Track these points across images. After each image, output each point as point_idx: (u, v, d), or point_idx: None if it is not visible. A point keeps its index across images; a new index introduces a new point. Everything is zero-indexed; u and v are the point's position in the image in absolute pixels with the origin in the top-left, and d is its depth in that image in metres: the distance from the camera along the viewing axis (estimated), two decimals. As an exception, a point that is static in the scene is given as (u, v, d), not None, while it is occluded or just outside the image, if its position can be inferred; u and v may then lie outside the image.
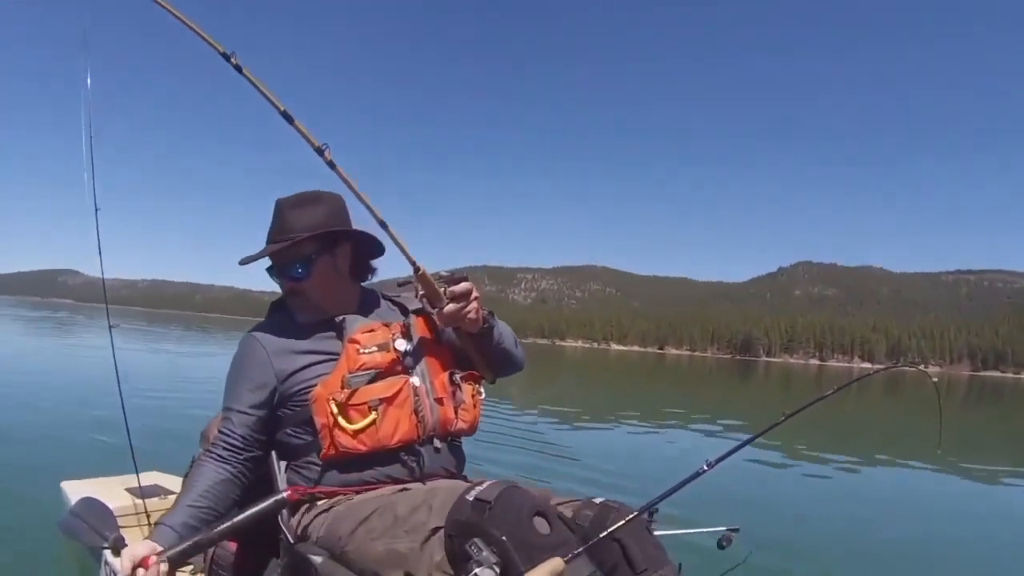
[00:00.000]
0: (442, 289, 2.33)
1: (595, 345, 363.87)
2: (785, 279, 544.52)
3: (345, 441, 2.20)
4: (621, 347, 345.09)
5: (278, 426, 2.33)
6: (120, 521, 3.32)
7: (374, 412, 2.21)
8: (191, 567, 2.80)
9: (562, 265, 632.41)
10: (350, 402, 2.20)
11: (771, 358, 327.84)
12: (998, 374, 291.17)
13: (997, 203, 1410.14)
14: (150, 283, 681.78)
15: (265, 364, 2.30)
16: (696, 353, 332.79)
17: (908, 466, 11.71)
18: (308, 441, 2.28)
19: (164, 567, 1.90)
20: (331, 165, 2.16)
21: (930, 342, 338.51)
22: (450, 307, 2.31)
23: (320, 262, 2.41)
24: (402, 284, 2.60)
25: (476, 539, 1.73)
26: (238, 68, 2.00)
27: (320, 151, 2.11)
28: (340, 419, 2.19)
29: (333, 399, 2.20)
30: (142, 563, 1.87)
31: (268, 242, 2.41)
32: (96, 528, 2.97)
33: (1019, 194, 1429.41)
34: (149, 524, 3.48)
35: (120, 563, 1.88)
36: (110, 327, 3.82)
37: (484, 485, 1.86)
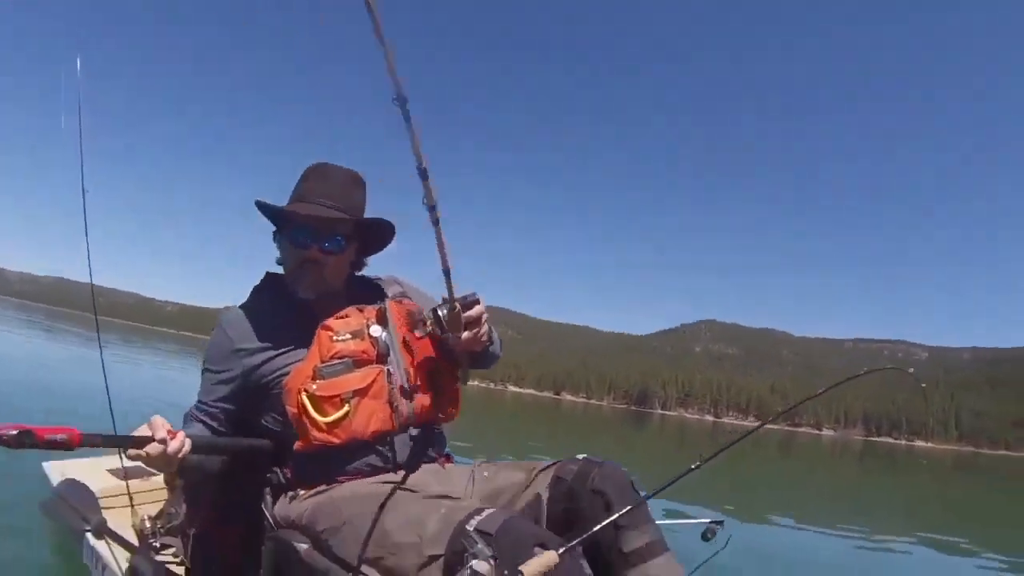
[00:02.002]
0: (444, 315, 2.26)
1: (492, 385, 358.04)
2: (687, 335, 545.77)
3: (317, 434, 2.17)
4: (518, 389, 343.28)
5: (256, 413, 2.33)
6: (102, 503, 3.31)
7: (347, 404, 2.18)
8: (172, 550, 2.89)
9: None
10: (322, 394, 2.18)
11: (666, 411, 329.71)
12: (891, 440, 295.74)
13: (901, 276, 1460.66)
14: (54, 280, 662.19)
15: (228, 357, 2.30)
16: (592, 401, 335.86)
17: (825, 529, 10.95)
18: (282, 431, 2.26)
19: (188, 446, 1.97)
20: (435, 222, 1.95)
21: (826, 406, 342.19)
22: (467, 335, 2.22)
23: (350, 245, 2.46)
24: (420, 320, 2.36)
25: (471, 532, 1.74)
26: (407, 116, 1.76)
27: (432, 208, 1.91)
28: (312, 412, 2.16)
29: (305, 390, 2.18)
30: (169, 433, 1.91)
31: (299, 199, 2.38)
32: (79, 511, 3.02)
33: (921, 268, 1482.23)
34: (132, 505, 3.41)
35: (151, 427, 1.92)
36: (96, 317, 3.80)
37: (483, 515, 1.82)
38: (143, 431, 1.92)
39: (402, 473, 2.14)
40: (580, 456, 2.18)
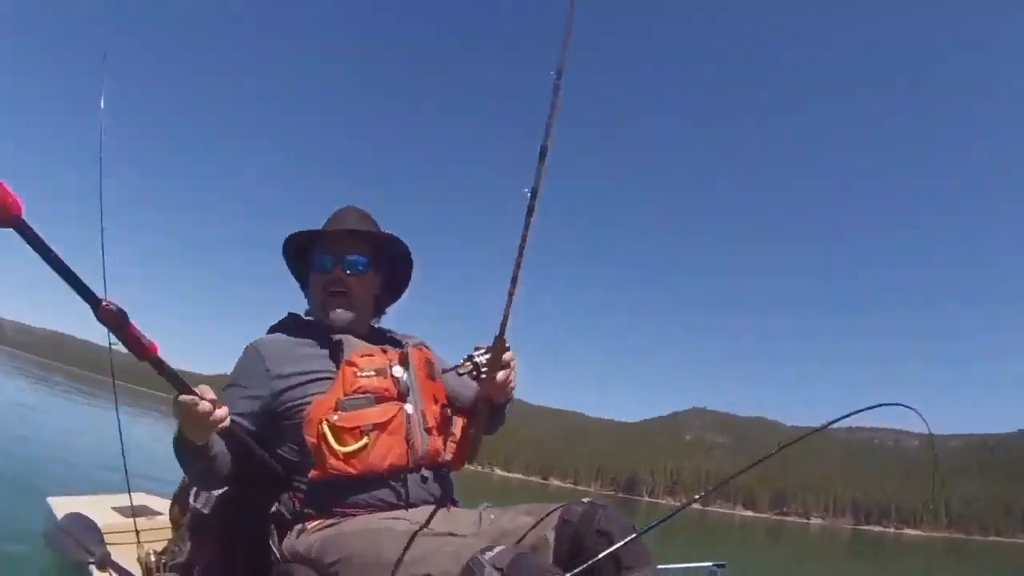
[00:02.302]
0: (483, 361, 2.43)
1: (479, 468, 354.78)
2: (677, 423, 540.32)
3: (335, 463, 2.21)
4: (505, 473, 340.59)
5: (273, 442, 2.35)
6: (107, 538, 3.34)
7: (366, 437, 2.24)
8: None
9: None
10: (343, 424, 2.23)
11: (654, 499, 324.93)
12: (879, 528, 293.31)
13: (892, 361, 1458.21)
14: (48, 333, 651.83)
15: (262, 376, 2.34)
16: (579, 487, 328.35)
17: None
18: (299, 459, 2.29)
19: (227, 421, 1.99)
20: (530, 210, 2.21)
21: (814, 495, 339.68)
22: (501, 375, 2.37)
23: (373, 271, 2.60)
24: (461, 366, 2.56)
25: (479, 556, 1.77)
26: (556, 89, 2.09)
27: (534, 194, 2.21)
28: (332, 441, 2.21)
29: (326, 420, 2.23)
30: (213, 402, 1.91)
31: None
32: (82, 543, 3.15)
33: (914, 354, 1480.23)
34: (138, 543, 3.33)
35: (200, 391, 1.90)
36: (110, 346, 3.17)
37: (495, 551, 1.83)
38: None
39: (412, 510, 2.23)
40: (585, 500, 2.21)
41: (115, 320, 1.64)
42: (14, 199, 1.41)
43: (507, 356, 2.37)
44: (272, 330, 2.60)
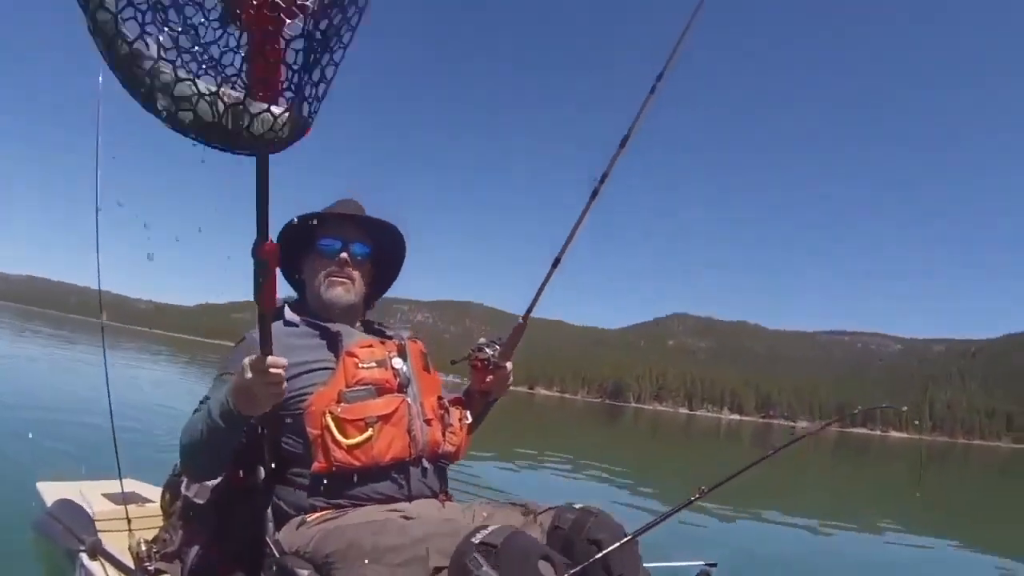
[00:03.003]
0: (494, 352, 2.69)
1: (465, 380, 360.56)
2: (660, 329, 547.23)
3: (339, 455, 2.19)
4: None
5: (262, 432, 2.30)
6: (98, 526, 3.32)
7: (370, 428, 2.22)
8: (167, 575, 2.80)
9: (440, 299, 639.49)
10: (347, 416, 2.21)
11: (641, 404, 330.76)
12: (865, 431, 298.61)
13: (874, 267, 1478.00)
14: (23, 278, 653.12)
15: None
16: (566, 395, 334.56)
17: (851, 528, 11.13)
18: (300, 452, 2.26)
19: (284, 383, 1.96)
20: (594, 194, 2.42)
21: (799, 398, 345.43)
22: (510, 365, 2.64)
23: (370, 261, 2.59)
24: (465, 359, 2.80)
25: (475, 554, 1.76)
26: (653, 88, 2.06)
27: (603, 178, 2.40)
28: (336, 433, 2.19)
29: (329, 412, 2.21)
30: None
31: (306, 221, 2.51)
32: (73, 530, 3.14)
33: (894, 260, 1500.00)
34: (129, 530, 3.30)
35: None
36: (103, 337, 3.73)
37: (489, 529, 1.87)
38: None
39: (412, 503, 2.24)
40: (577, 505, 2.21)
41: (273, 261, 1.62)
42: None
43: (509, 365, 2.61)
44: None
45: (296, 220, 2.49)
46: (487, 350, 2.75)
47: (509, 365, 2.77)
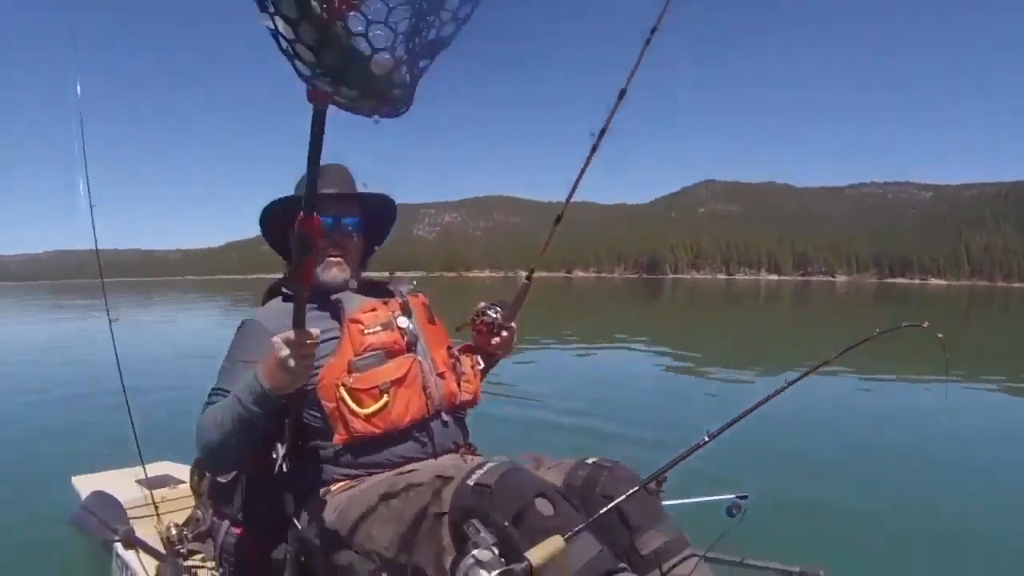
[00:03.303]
0: (498, 315, 2.69)
1: (503, 274, 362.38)
2: (689, 198, 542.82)
3: (358, 426, 2.20)
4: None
5: (286, 410, 2.25)
6: (130, 513, 3.38)
7: (385, 395, 2.22)
8: (200, 556, 2.87)
9: (465, 197, 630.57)
10: (360, 386, 2.20)
11: (679, 275, 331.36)
12: (905, 280, 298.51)
13: (900, 115, 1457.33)
14: (53, 254, 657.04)
15: (265, 341, 2.14)
16: (603, 275, 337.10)
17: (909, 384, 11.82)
18: (317, 426, 2.25)
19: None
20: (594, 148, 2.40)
21: (835, 253, 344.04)
22: (507, 333, 2.65)
23: (363, 225, 2.53)
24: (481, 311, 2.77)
25: (473, 520, 1.73)
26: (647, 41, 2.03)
27: (601, 133, 2.33)
28: (351, 404, 2.19)
29: (342, 384, 2.20)
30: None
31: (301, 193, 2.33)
32: (106, 522, 3.15)
33: (921, 106, 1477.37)
34: (158, 515, 3.38)
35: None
36: (110, 321, 3.73)
37: (484, 468, 1.88)
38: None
39: (431, 463, 2.23)
40: (590, 460, 2.19)
41: (315, 236, 1.57)
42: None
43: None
44: (264, 300, 2.55)
45: (272, 206, 2.45)
46: (490, 313, 2.74)
47: (514, 325, 2.77)
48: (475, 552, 1.59)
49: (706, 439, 2.14)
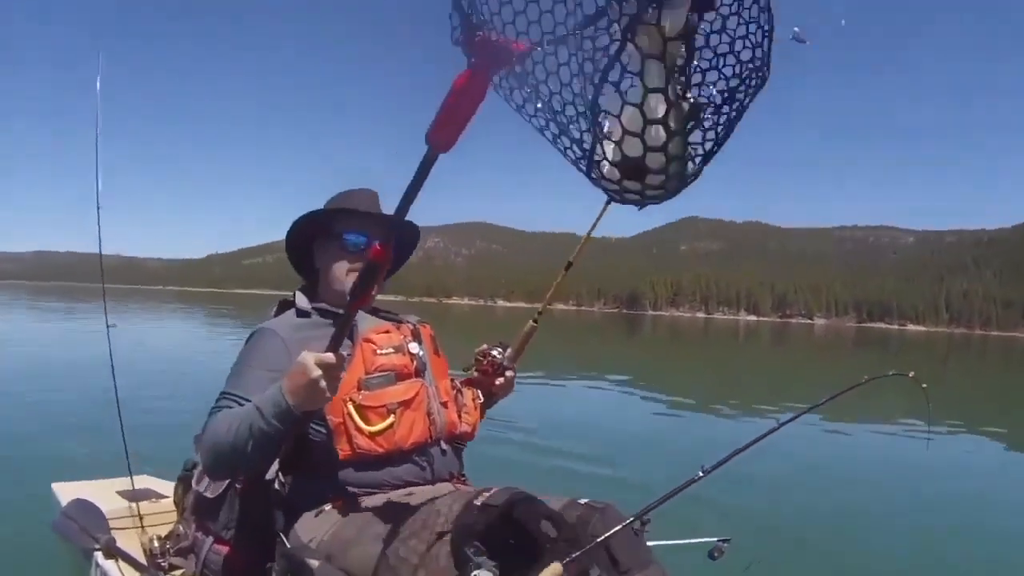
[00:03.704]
0: (503, 356, 2.71)
1: (482, 302, 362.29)
2: (672, 234, 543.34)
3: (363, 443, 2.20)
4: (507, 303, 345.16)
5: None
6: (112, 524, 3.35)
7: (392, 415, 2.23)
8: (181, 571, 2.86)
9: (448, 223, 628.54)
10: (369, 404, 2.22)
11: (658, 311, 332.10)
12: (883, 325, 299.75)
13: (884, 160, 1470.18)
14: (35, 255, 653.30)
15: (282, 352, 2.26)
16: (583, 308, 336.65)
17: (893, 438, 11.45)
18: (320, 440, 2.24)
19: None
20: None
21: (816, 295, 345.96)
22: (511, 373, 2.70)
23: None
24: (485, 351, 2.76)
25: (475, 542, 1.75)
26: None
27: None
28: (358, 420, 2.20)
29: (351, 400, 2.20)
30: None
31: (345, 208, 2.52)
32: (88, 530, 3.11)
33: (904, 151, 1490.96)
34: (142, 527, 3.45)
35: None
36: (107, 328, 3.79)
37: (491, 491, 1.92)
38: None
39: (426, 488, 2.24)
40: (583, 501, 2.20)
41: (385, 266, 1.63)
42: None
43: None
44: (278, 312, 2.56)
45: (322, 211, 2.52)
46: (494, 353, 2.74)
47: (515, 367, 2.79)
48: (476, 573, 1.63)
49: (700, 475, 2.19)
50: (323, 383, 1.83)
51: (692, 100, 1.40)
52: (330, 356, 1.82)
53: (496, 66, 1.31)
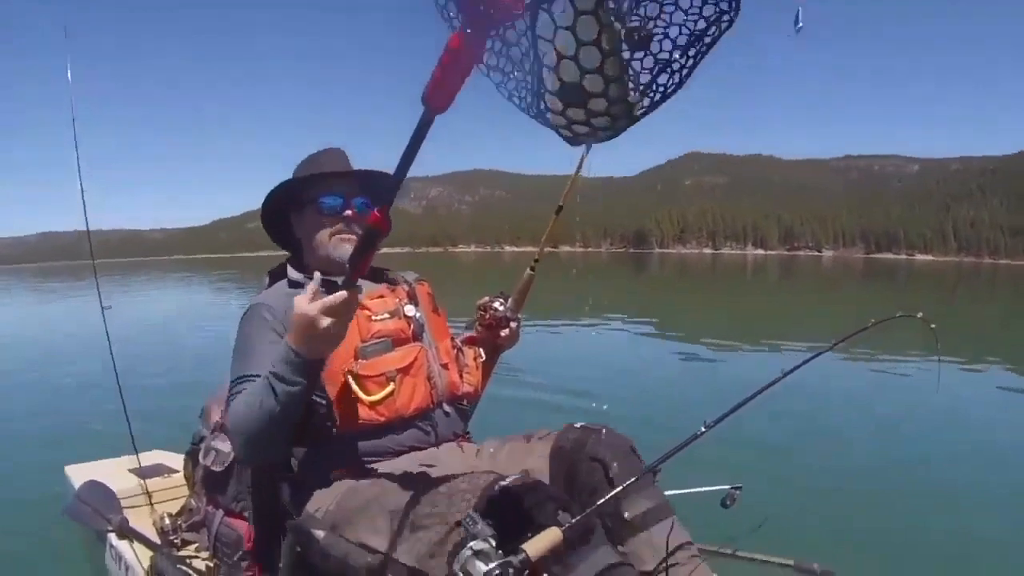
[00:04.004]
0: (506, 307, 2.65)
1: (489, 249, 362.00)
2: (675, 171, 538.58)
3: (363, 413, 2.18)
4: (515, 248, 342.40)
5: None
6: (124, 503, 3.33)
7: (392, 383, 2.20)
8: (195, 546, 2.95)
9: (450, 171, 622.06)
10: (367, 373, 2.19)
11: (664, 249, 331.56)
12: (891, 256, 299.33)
13: (885, 87, 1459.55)
14: (39, 236, 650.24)
15: (278, 325, 2.22)
16: (590, 249, 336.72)
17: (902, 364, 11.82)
18: (321, 412, 2.19)
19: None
20: None
21: (822, 227, 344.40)
22: (515, 324, 2.64)
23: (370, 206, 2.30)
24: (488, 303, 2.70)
25: (471, 512, 1.68)
26: None
27: None
28: (358, 390, 2.17)
29: (348, 370, 2.17)
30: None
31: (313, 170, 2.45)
32: (101, 512, 3.11)
33: (907, 78, 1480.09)
34: (151, 504, 3.52)
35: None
36: (102, 309, 3.85)
37: (508, 480, 1.85)
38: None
39: (429, 451, 2.25)
40: (579, 424, 2.22)
41: (382, 234, 1.55)
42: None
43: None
44: (270, 284, 2.51)
45: (294, 180, 2.46)
46: (496, 305, 2.69)
47: (520, 316, 2.75)
48: (472, 544, 1.58)
49: (703, 430, 2.14)
50: (324, 323, 1.78)
51: (630, 25, 1.42)
52: (336, 296, 1.74)
53: (492, 25, 1.28)
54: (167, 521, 3.13)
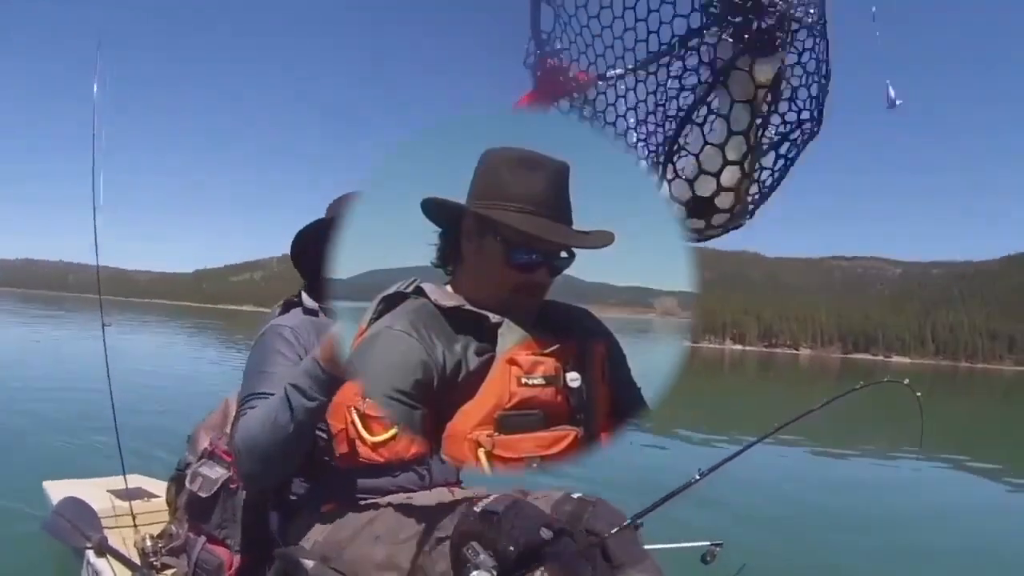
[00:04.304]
0: None
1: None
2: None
3: (363, 452, 2.14)
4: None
5: None
6: (104, 522, 3.33)
7: (396, 427, 2.08)
8: (173, 571, 2.84)
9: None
10: (372, 413, 2.10)
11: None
12: (868, 356, 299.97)
13: (873, 190, 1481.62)
14: (23, 262, 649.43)
15: (300, 348, 2.18)
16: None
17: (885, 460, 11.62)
18: (321, 444, 2.16)
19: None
20: None
21: (801, 325, 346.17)
22: None
23: None
24: None
25: (473, 543, 1.70)
26: None
27: None
28: (360, 429, 2.12)
29: (353, 407, 2.10)
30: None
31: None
32: (80, 528, 3.10)
33: (894, 182, 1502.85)
34: (134, 526, 3.43)
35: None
36: (103, 327, 3.88)
37: (491, 497, 1.85)
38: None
39: (420, 493, 2.21)
40: (575, 495, 2.14)
41: None
42: None
43: None
44: (282, 312, 2.45)
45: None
46: None
47: None
48: (475, 574, 1.60)
49: (697, 477, 2.19)
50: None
51: (766, 144, 1.45)
52: None
53: (559, 93, 1.29)
54: (148, 543, 3.07)
